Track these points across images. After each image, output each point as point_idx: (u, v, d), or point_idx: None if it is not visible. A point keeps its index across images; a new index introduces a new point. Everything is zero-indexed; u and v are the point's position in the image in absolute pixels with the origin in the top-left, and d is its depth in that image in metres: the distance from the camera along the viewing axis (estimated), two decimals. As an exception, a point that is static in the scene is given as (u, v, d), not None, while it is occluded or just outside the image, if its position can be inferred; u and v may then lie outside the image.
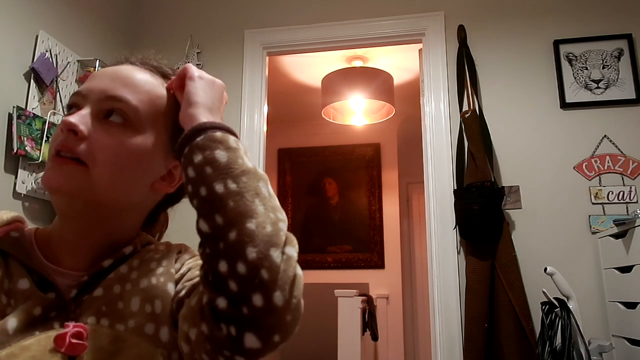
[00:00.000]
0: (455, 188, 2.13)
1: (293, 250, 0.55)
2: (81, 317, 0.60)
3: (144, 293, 0.63)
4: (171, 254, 0.69)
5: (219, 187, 0.55)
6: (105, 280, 0.63)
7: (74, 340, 0.56)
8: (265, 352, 0.53)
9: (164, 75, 0.71)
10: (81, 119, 0.62)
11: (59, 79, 1.99)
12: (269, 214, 0.55)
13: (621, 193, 2.02)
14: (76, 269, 0.64)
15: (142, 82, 0.67)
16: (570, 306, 1.69)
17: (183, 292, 0.63)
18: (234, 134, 0.61)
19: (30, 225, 0.71)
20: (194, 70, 0.67)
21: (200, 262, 0.69)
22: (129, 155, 0.64)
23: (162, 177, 0.69)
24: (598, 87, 2.13)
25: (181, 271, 0.67)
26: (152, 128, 0.66)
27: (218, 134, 0.59)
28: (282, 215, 0.57)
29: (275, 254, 0.52)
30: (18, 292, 0.60)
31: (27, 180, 1.80)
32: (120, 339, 0.58)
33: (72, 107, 0.66)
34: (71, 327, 0.57)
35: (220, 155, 0.57)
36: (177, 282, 0.65)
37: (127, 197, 0.66)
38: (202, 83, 0.65)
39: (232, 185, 0.55)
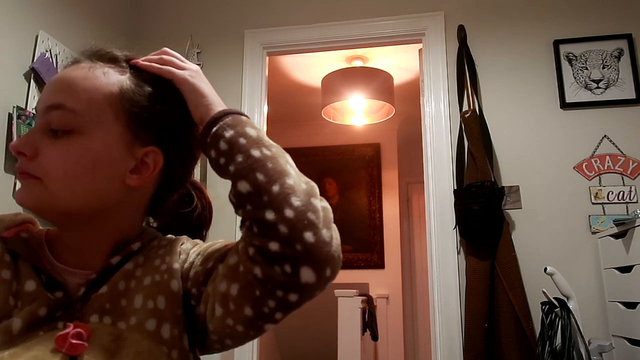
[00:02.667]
0: (455, 188, 2.13)
1: (327, 204, 0.61)
2: (85, 316, 0.60)
3: (147, 290, 0.63)
4: (174, 249, 0.69)
5: (255, 152, 0.59)
6: (112, 277, 0.64)
7: (74, 341, 0.56)
8: (318, 287, 0.57)
9: (112, 60, 0.68)
10: (26, 139, 0.62)
11: (59, 79, 1.99)
12: (300, 176, 0.60)
13: (621, 193, 2.02)
14: (85, 268, 0.65)
15: (78, 80, 0.64)
16: (570, 306, 1.69)
17: (210, 264, 0.64)
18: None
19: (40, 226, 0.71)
20: (180, 70, 0.68)
21: (204, 245, 0.70)
22: (80, 161, 0.61)
23: (133, 170, 0.65)
24: (598, 87, 2.13)
25: (189, 261, 0.67)
26: (99, 124, 0.63)
27: (243, 117, 0.64)
28: (311, 180, 0.62)
29: (316, 202, 0.58)
30: (25, 293, 0.60)
31: (27, 180, 1.80)
32: (121, 337, 0.59)
33: None
34: (72, 327, 0.57)
35: (251, 131, 0.62)
36: (184, 275, 0.66)
37: (99, 201, 0.63)
38: (197, 77, 0.68)
39: (267, 152, 0.60)
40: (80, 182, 0.61)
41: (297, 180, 0.59)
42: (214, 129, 0.62)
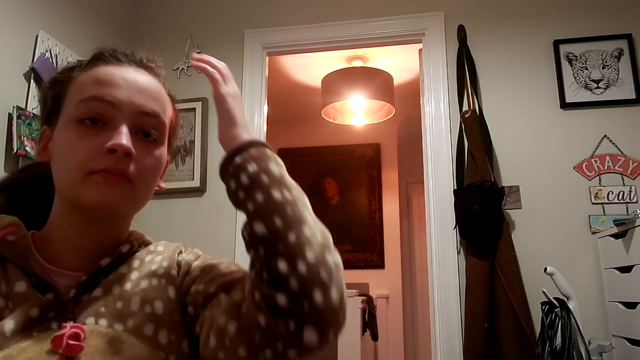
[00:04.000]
0: (455, 188, 2.13)
1: (339, 259, 0.60)
2: (79, 317, 0.60)
3: (145, 294, 0.63)
4: (172, 256, 0.69)
5: (276, 194, 0.59)
6: (105, 280, 0.64)
7: (71, 342, 0.56)
8: (319, 347, 0.56)
9: (157, 75, 0.73)
10: (127, 139, 0.62)
11: (59, 79, 1.99)
12: (317, 224, 0.60)
13: (621, 193, 2.02)
14: (75, 269, 0.64)
15: (163, 95, 0.70)
16: (570, 306, 1.69)
17: (212, 289, 0.63)
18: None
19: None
20: (225, 87, 0.69)
21: (206, 257, 0.70)
22: (158, 170, 0.68)
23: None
24: (598, 87, 2.13)
25: (192, 275, 0.67)
26: (165, 137, 0.71)
27: (268, 151, 0.64)
28: (325, 228, 0.62)
29: (329, 258, 0.57)
30: (15, 295, 0.59)
31: (27, 180, 1.80)
32: (118, 339, 0.59)
33: (95, 114, 0.63)
34: (68, 328, 0.57)
35: (274, 168, 0.61)
36: (185, 287, 0.66)
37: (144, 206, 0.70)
38: (236, 100, 0.69)
39: (288, 195, 0.59)
40: (152, 189, 0.68)
41: (313, 229, 0.58)
42: (238, 159, 0.62)
